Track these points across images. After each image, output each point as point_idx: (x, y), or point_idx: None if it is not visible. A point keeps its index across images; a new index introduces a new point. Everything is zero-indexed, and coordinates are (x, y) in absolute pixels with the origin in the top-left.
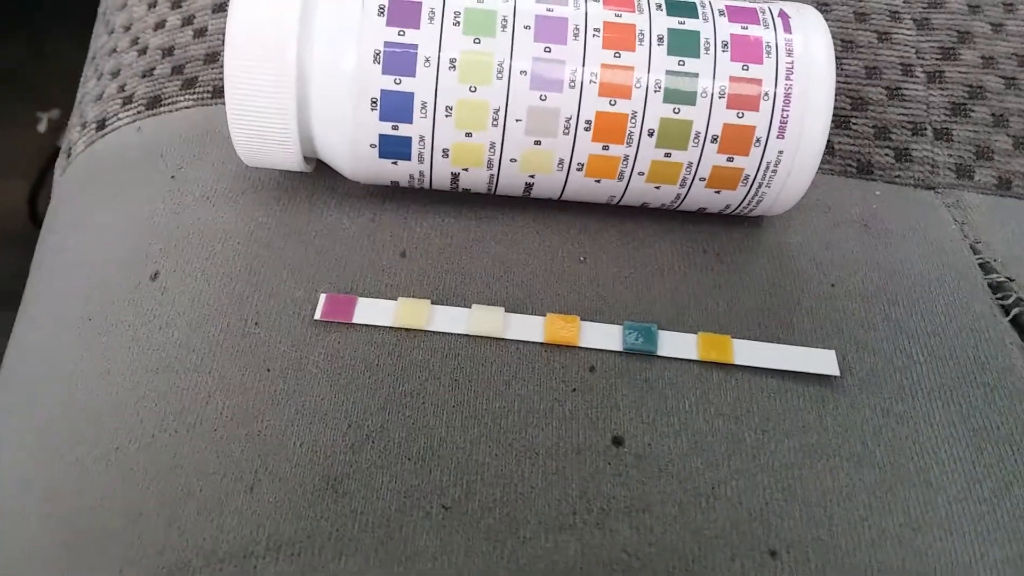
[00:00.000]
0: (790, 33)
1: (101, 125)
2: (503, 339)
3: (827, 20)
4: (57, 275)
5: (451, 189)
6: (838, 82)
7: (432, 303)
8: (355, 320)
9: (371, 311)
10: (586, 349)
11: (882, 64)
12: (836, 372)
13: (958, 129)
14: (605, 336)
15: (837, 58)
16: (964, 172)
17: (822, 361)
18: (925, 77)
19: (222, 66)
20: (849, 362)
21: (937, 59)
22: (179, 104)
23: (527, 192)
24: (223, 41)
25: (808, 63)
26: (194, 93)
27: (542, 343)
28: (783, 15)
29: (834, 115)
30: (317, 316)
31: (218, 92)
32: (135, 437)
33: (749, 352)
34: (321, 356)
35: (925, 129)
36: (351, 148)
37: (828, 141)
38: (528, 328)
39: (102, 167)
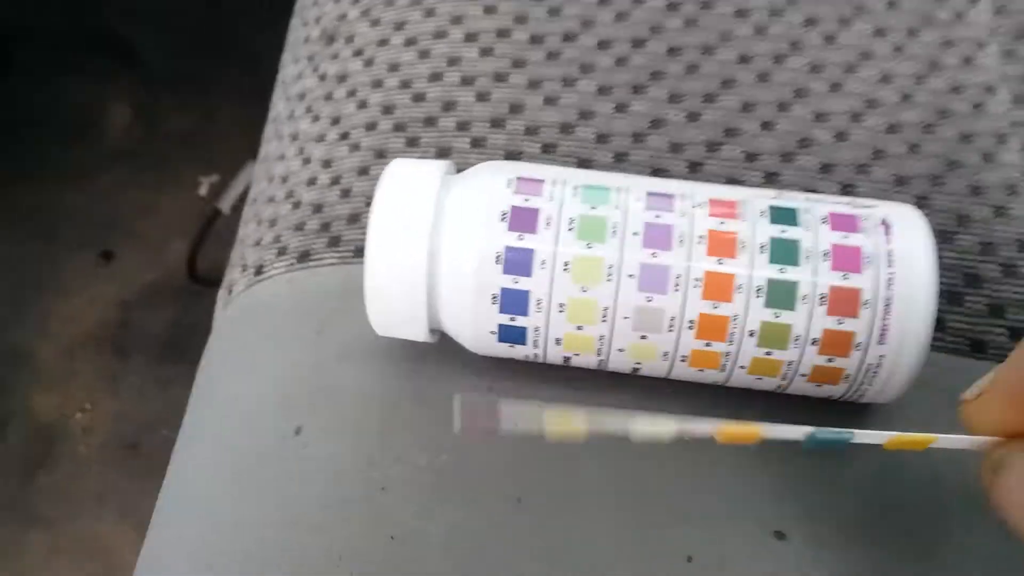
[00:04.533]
0: (891, 243)
1: (259, 271)
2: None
3: (940, 193)
4: (215, 414)
5: (563, 365)
6: (950, 258)
7: (553, 469)
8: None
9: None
10: None
11: (998, 240)
12: None
13: None
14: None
15: (950, 233)
16: None
17: None
18: None
19: (363, 228)
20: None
21: None
22: (325, 260)
23: (635, 372)
24: (365, 204)
25: (909, 272)
26: (338, 251)
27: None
28: (884, 224)
29: (947, 291)
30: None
31: (359, 252)
32: None
33: None
34: (441, 528)
35: None
36: (473, 332)
37: (939, 317)
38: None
39: (258, 312)
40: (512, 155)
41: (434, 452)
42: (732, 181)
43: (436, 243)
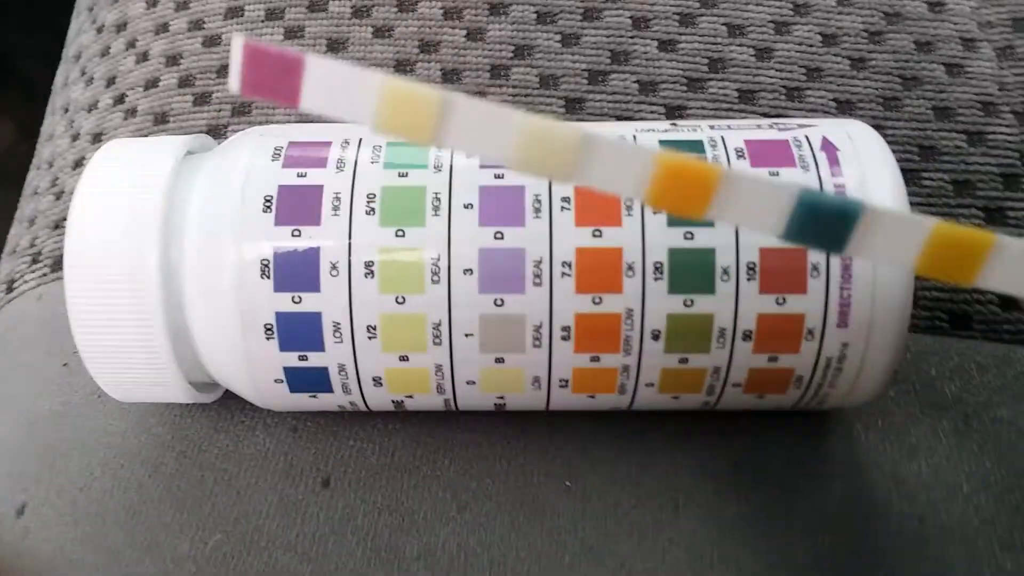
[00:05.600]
0: (840, 173)
1: (9, 287)
2: None
3: (897, 119)
4: None
5: (397, 412)
6: (918, 206)
7: (361, 552)
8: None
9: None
10: None
11: (975, 176)
12: None
13: None
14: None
15: (915, 171)
16: None
17: None
18: None
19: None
20: None
21: None
22: None
23: (500, 408)
24: None
25: None
26: None
27: None
28: (827, 146)
29: None
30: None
31: None
32: None
33: None
34: None
35: None
36: (252, 383)
37: None
38: None
39: (3, 342)
40: None
41: (203, 532)
42: (624, 120)
43: (172, 257)
